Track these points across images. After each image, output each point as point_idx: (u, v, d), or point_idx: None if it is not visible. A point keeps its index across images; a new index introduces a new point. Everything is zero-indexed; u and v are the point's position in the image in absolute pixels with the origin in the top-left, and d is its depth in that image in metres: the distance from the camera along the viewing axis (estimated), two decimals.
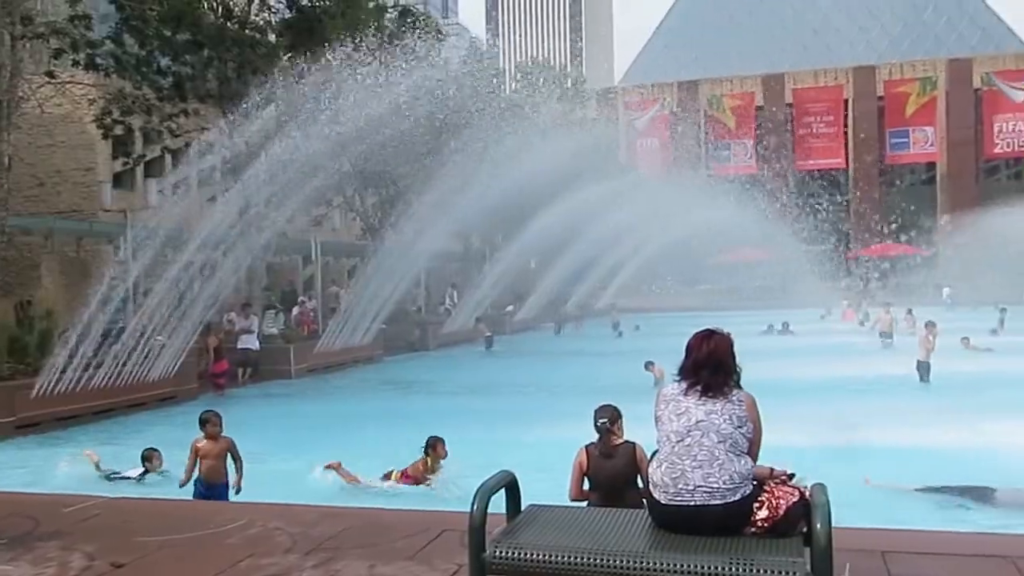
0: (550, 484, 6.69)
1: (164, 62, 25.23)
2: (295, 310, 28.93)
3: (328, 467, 10.45)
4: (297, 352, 23.97)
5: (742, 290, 51.86)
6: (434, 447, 10.12)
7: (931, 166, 62.35)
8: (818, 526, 3.69)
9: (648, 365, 17.47)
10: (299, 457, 11.53)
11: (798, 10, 77.69)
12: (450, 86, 26.32)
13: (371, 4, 30.31)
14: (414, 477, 10.08)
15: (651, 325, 34.35)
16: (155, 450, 11.18)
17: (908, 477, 10.03)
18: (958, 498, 9.35)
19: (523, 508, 4.36)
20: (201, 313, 18.82)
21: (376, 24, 29.35)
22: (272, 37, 27.16)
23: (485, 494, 4.06)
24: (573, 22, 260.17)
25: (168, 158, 28.38)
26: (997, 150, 59.46)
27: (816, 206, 55.20)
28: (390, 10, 32.62)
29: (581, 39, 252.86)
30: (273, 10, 27.82)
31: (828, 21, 77.30)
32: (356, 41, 23.35)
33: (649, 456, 4.64)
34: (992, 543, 5.94)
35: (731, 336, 4.42)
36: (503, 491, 4.26)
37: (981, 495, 9.31)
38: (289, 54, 26.73)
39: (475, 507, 4.00)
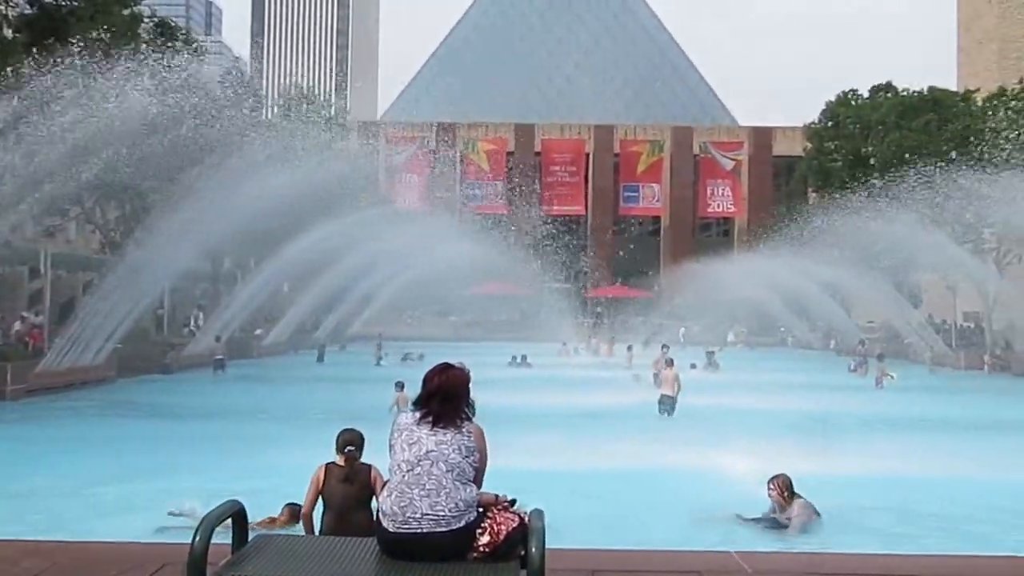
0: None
1: None
2: (16, 325, 26.89)
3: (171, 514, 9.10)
4: (15, 371, 22.07)
5: (489, 323, 54.33)
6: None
7: (656, 219, 69.67)
8: (533, 549, 3.89)
9: (399, 385, 17.22)
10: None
11: (547, 68, 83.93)
12: (207, 104, 25.93)
13: (125, 12, 29.34)
14: None
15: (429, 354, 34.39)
16: None
17: (635, 500, 10.53)
18: (665, 518, 9.88)
19: (250, 538, 4.22)
20: None
21: (130, 33, 28.46)
22: (8, 32, 25.53)
23: (208, 525, 3.81)
24: (340, 54, 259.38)
25: None
26: (710, 210, 67.43)
27: (558, 248, 59.36)
28: (146, 20, 31.68)
29: (347, 71, 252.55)
30: (12, 4, 26.18)
31: (572, 81, 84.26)
32: (106, 47, 22.58)
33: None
34: (684, 560, 6.37)
35: (468, 371, 4.59)
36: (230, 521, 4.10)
37: (685, 514, 9.94)
38: (28, 53, 25.22)
39: (196, 538, 3.73)
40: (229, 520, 4.06)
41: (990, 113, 38.54)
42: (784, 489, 9.36)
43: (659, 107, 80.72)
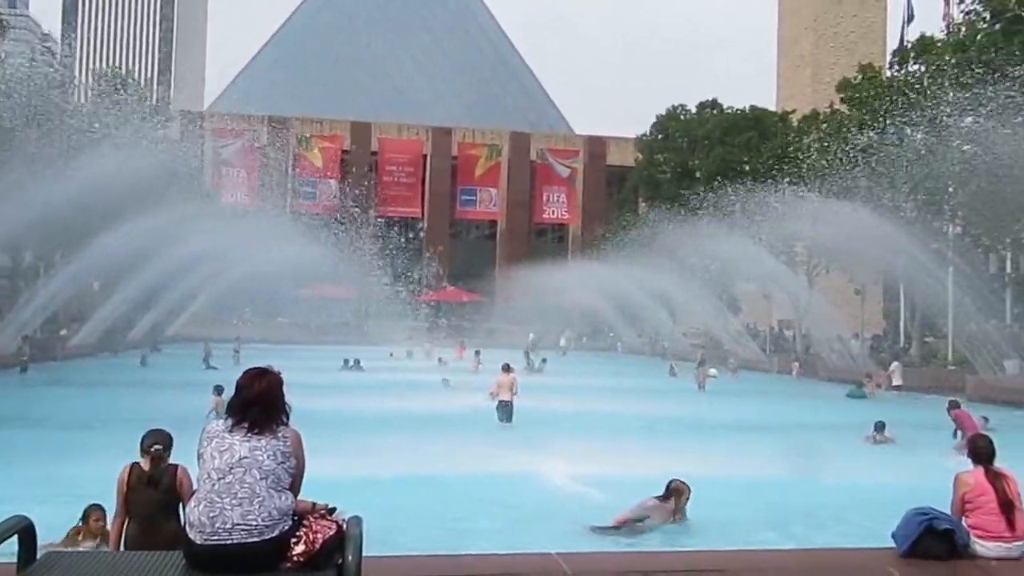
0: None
1: None
2: None
3: None
4: None
5: (320, 325, 52.79)
6: None
7: (493, 224, 70.09)
8: (349, 557, 3.82)
9: (217, 389, 16.32)
10: None
11: (385, 66, 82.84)
12: (8, 83, 23.43)
13: None
14: None
15: (270, 356, 32.78)
16: None
17: (459, 506, 10.49)
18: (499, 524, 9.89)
19: (39, 556, 3.95)
20: None
21: None
22: None
23: None
24: (163, 39, 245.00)
25: None
26: (545, 216, 68.61)
27: (394, 250, 58.50)
28: None
29: (171, 58, 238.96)
30: None
31: (411, 81, 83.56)
32: None
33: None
34: (505, 563, 6.33)
35: (281, 375, 4.44)
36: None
37: (510, 518, 10.00)
38: None
39: None
40: (16, 537, 3.74)
41: (804, 134, 41.23)
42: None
43: (498, 112, 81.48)
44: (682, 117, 53.11)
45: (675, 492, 9.40)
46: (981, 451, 6.95)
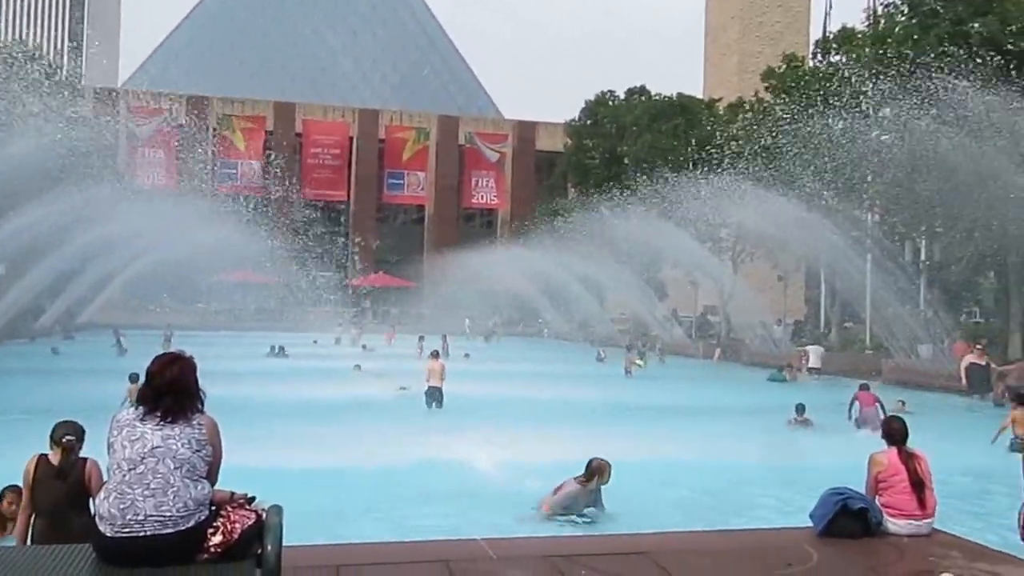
0: None
1: None
2: None
3: None
4: None
5: (243, 311, 51.55)
6: None
7: (421, 208, 69.35)
8: (268, 547, 3.75)
9: (133, 377, 15.58)
10: None
11: (309, 45, 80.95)
12: None
13: None
14: None
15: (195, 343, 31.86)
16: None
17: (386, 493, 10.46)
18: (414, 508, 9.98)
19: None
20: None
21: None
22: None
23: None
24: (74, 9, 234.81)
25: None
26: (474, 200, 68.26)
27: (319, 234, 57.39)
28: None
29: (83, 31, 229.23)
30: None
31: (336, 62, 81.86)
32: None
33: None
34: (431, 550, 6.40)
35: (194, 360, 4.33)
36: None
37: (437, 505, 10.03)
38: None
39: None
40: None
41: (730, 122, 41.73)
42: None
43: (426, 95, 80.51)
44: (611, 103, 53.26)
45: (596, 471, 9.42)
46: (895, 432, 7.19)
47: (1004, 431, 14.40)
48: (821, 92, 31.28)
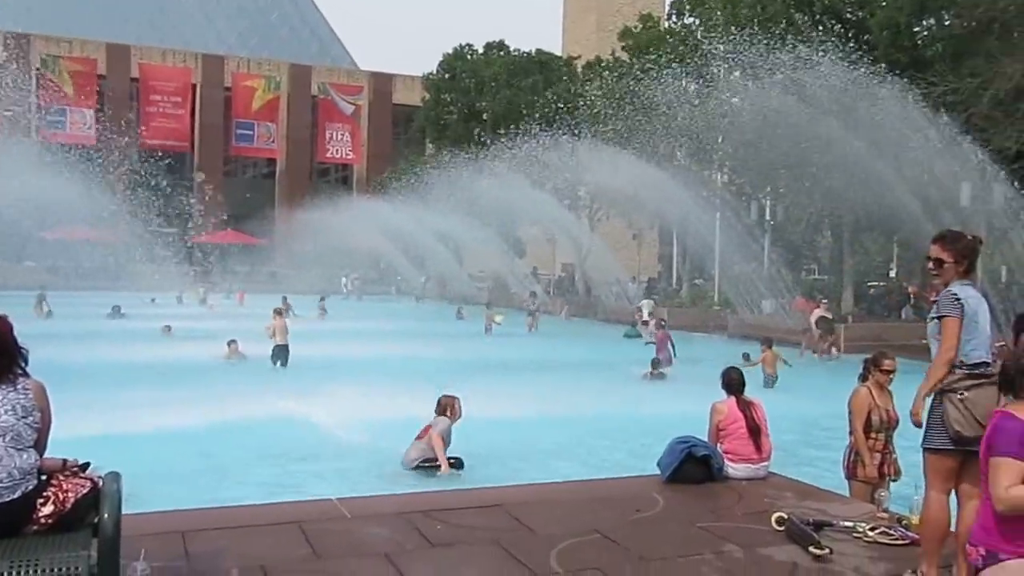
0: None
1: None
2: None
3: None
4: None
5: (76, 270, 48.10)
6: None
7: (272, 161, 66.40)
8: (105, 516, 3.62)
9: None
10: None
11: None
12: None
13: None
14: None
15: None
16: None
17: (232, 454, 10.24)
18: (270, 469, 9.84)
19: None
20: None
21: None
22: None
23: None
24: None
25: None
26: (328, 155, 65.97)
27: (160, 188, 53.93)
28: None
29: None
30: None
31: (177, 2, 76.55)
32: None
33: None
34: (282, 511, 6.31)
35: (10, 319, 4.05)
36: None
37: (286, 466, 9.99)
38: None
39: None
40: None
41: (588, 80, 41.95)
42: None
43: (275, 42, 76.66)
44: (469, 57, 52.37)
45: (447, 405, 9.67)
46: (733, 382, 7.73)
47: (755, 365, 17.13)
48: (674, 54, 31.80)
